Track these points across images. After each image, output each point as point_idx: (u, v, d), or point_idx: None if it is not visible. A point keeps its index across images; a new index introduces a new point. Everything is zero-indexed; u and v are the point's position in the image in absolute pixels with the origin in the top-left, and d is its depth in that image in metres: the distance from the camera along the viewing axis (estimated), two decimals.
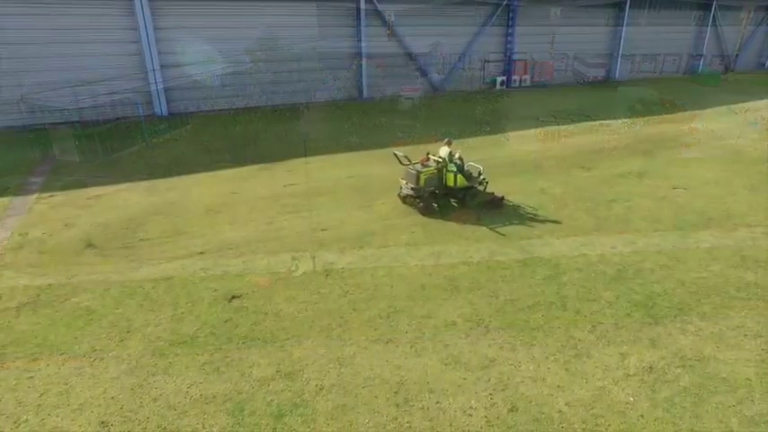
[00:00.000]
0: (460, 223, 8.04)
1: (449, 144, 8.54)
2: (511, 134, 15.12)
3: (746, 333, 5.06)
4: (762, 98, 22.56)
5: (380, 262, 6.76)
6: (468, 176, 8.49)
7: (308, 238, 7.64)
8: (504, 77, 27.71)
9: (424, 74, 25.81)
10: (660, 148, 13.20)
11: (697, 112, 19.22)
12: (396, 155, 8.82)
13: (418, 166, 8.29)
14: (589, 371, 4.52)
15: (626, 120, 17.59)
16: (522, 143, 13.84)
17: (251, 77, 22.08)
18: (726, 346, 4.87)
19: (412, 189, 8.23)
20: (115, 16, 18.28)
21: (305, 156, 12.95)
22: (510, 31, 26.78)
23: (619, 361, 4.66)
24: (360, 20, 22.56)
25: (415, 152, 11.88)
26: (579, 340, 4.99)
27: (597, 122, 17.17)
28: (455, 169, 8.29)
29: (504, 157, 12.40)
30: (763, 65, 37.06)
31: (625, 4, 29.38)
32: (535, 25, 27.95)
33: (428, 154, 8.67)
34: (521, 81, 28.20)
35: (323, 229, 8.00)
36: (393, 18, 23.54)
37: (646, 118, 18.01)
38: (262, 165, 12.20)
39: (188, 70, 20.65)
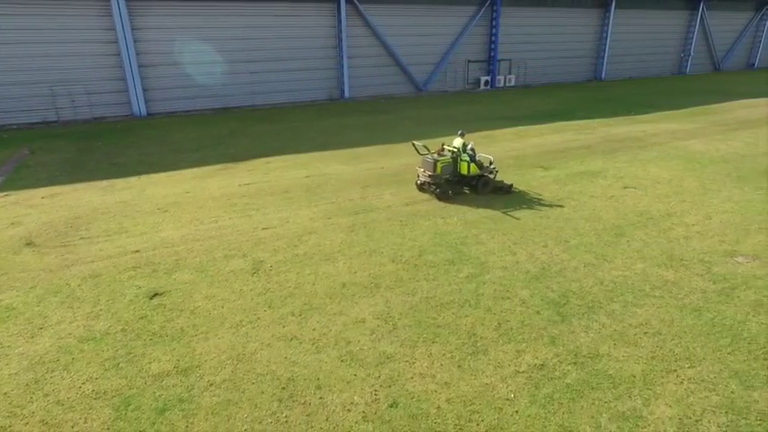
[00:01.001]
0: (400, 225, 8.10)
1: (462, 136, 9.28)
2: (480, 134, 15.16)
3: (647, 331, 5.12)
4: (736, 99, 22.55)
5: (310, 261, 6.82)
6: (479, 165, 9.26)
7: (248, 237, 7.71)
8: (489, 78, 27.71)
9: (406, 74, 25.86)
10: (624, 148, 13.25)
11: (671, 112, 19.26)
12: (414, 145, 9.61)
13: (435, 156, 9.00)
14: (481, 368, 4.58)
15: (600, 120, 17.64)
16: (490, 144, 13.90)
17: (232, 78, 22.16)
18: (623, 343, 4.92)
19: (429, 176, 9.00)
20: (92, 17, 18.39)
21: (269, 155, 13.02)
22: (494, 31, 26.81)
23: (513, 358, 4.72)
24: (341, 20, 22.59)
25: (378, 152, 11.95)
26: (481, 338, 5.04)
27: (571, 122, 17.22)
28: (468, 159, 9.05)
29: None
30: (753, 65, 36.96)
31: (610, 4, 29.36)
32: (519, 26, 27.96)
33: (443, 145, 9.43)
34: (505, 81, 28.23)
35: (264, 228, 8.07)
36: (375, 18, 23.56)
37: (620, 118, 18.04)
38: (225, 164, 12.28)
39: (167, 70, 20.74)
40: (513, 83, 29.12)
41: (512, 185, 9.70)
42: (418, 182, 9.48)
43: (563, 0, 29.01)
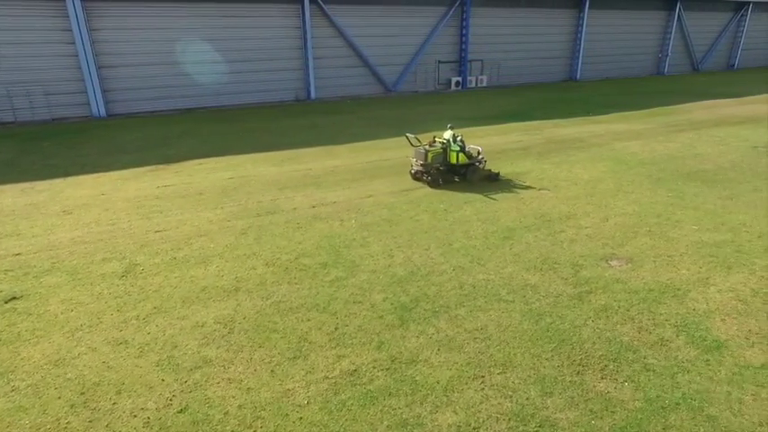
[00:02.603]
0: (295, 227, 8.09)
1: (452, 129, 10.16)
2: (425, 135, 15.11)
3: (478, 336, 5.10)
4: (703, 100, 22.49)
5: (185, 264, 6.82)
6: (468, 155, 10.07)
7: (137, 239, 7.71)
8: (460, 78, 27.67)
9: (375, 75, 25.84)
10: (560, 150, 13.23)
11: (629, 113, 19.21)
12: (407, 137, 10.46)
13: (426, 147, 9.90)
14: (292, 373, 4.56)
15: (555, 120, 17.61)
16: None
17: (196, 79, 22.16)
18: (447, 349, 4.90)
19: (421, 165, 9.94)
20: (47, 17, 18.41)
21: (206, 157, 13.02)
22: (464, 32, 26.76)
23: (330, 364, 4.70)
24: (305, 21, 22.58)
25: (317, 153, 11.91)
26: (310, 343, 5.03)
27: (524, 123, 17.20)
28: (458, 149, 9.85)
29: (393, 159, 12.43)
30: (733, 65, 36.85)
31: (584, 4, 29.30)
32: (491, 26, 27.92)
33: (434, 137, 10.28)
34: (477, 82, 28.19)
35: (157, 231, 8.07)
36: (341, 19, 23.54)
37: (575, 118, 18.00)
38: (157, 166, 12.28)
39: (128, 71, 20.76)
40: (485, 83, 29.08)
41: (498, 173, 10.43)
42: (412, 171, 10.41)
43: (535, 0, 28.91)
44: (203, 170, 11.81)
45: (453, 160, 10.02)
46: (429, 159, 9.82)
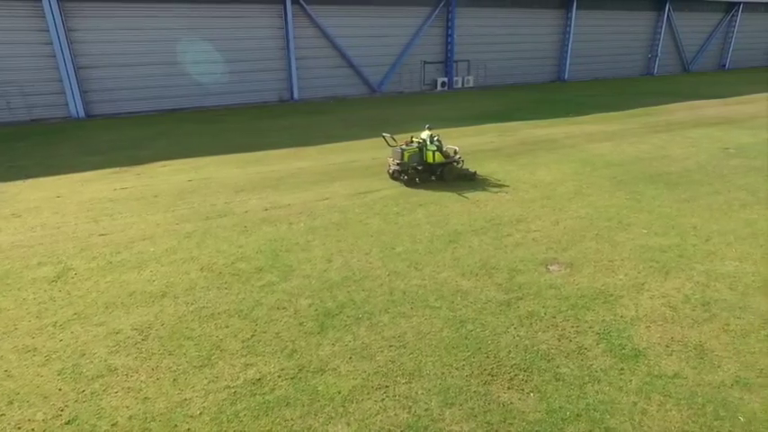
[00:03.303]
0: (241, 231, 8.00)
1: (429, 129, 10.32)
2: (402, 136, 15.01)
3: (394, 344, 5.00)
4: (687, 100, 22.37)
5: (121, 268, 6.73)
6: (445, 155, 10.24)
7: (78, 243, 7.62)
8: (446, 79, 27.58)
9: (360, 75, 25.75)
10: (531, 151, 13.12)
11: (610, 114, 19.10)
12: (384, 137, 10.64)
13: (404, 146, 10.01)
14: (194, 383, 4.47)
15: (535, 121, 17.50)
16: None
17: (179, 79, 22.10)
18: (359, 358, 4.81)
19: (398, 165, 10.08)
20: (23, 18, 18.34)
21: (174, 158, 12.94)
22: (449, 32, 26.65)
23: (236, 372, 4.61)
24: (287, 21, 22.49)
25: (285, 155, 11.81)
26: (222, 350, 4.94)
27: (503, 124, 17.10)
28: (434, 148, 10.00)
29: (361, 160, 12.35)
30: (724, 66, 36.69)
31: (572, 5, 29.18)
32: (477, 27, 27.82)
33: (411, 137, 10.44)
34: (463, 83, 28.09)
35: (101, 234, 7.99)
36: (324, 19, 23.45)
37: (555, 119, 17.90)
38: (121, 167, 12.21)
39: (108, 72, 20.70)
40: (471, 84, 28.97)
41: (475, 173, 10.55)
42: (389, 170, 10.51)
43: (522, 1, 28.79)
44: (166, 172, 11.72)
45: (430, 159, 10.16)
46: (405, 159, 9.99)
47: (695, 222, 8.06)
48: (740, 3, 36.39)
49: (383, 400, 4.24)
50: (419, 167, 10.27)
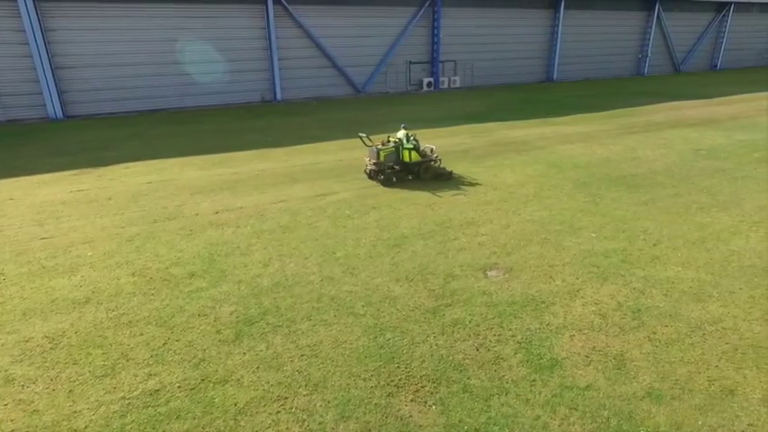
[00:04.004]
0: (185, 234, 7.85)
1: (406, 128, 10.39)
2: (379, 136, 14.89)
3: (306, 353, 4.86)
4: (671, 101, 22.22)
5: (52, 273, 6.61)
6: (422, 154, 10.34)
7: (18, 246, 7.50)
8: (432, 79, 27.43)
9: (344, 75, 25.61)
10: (501, 153, 12.99)
11: (590, 114, 18.95)
12: (360, 137, 10.68)
13: (380, 146, 10.10)
14: (90, 393, 4.34)
15: (513, 122, 17.37)
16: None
17: (159, 80, 21.98)
18: (267, 368, 4.67)
19: (374, 164, 10.16)
20: None
21: (139, 160, 12.81)
22: (435, 32, 26.50)
23: (137, 383, 4.47)
24: (269, 21, 22.36)
25: (251, 156, 11.65)
26: (129, 359, 4.81)
27: (480, 125, 16.96)
28: (411, 147, 10.09)
29: (327, 162, 12.22)
30: (715, 66, 36.51)
31: (559, 5, 29.02)
32: (463, 27, 27.67)
33: (389, 136, 10.49)
34: (450, 83, 27.95)
35: (43, 238, 7.86)
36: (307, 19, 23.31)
37: (533, 120, 17.75)
38: (84, 169, 12.10)
39: (87, 72, 20.58)
40: (458, 84, 28.82)
41: (451, 172, 10.61)
42: (366, 170, 10.61)
43: (510, 1, 28.64)
44: (127, 174, 11.59)
45: (406, 159, 10.21)
46: (382, 158, 10.04)
47: (647, 226, 7.91)
48: (731, 3, 36.22)
49: (278, 412, 4.09)
50: (396, 167, 10.31)
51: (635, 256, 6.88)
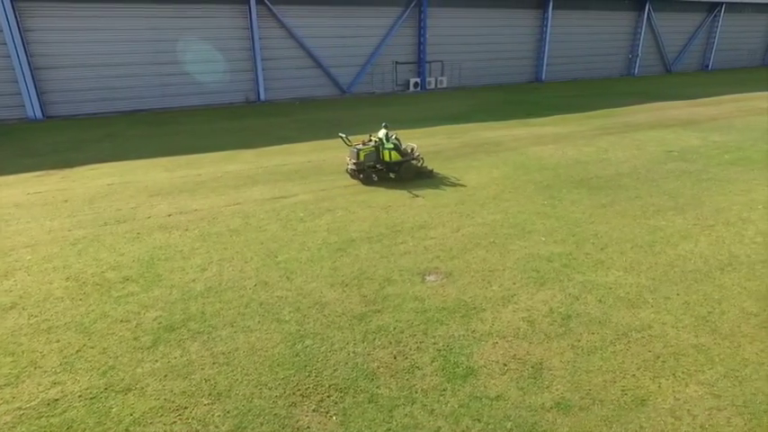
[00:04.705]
0: (131, 237, 7.74)
1: (386, 128, 10.45)
2: (357, 137, 14.79)
3: (218, 361, 4.75)
4: (656, 101, 22.09)
5: None
6: (403, 153, 10.41)
7: None
8: (419, 79, 27.32)
9: (329, 76, 25.52)
10: (470, 154, 12.88)
11: (571, 115, 18.83)
12: (341, 137, 10.71)
13: (360, 146, 10.22)
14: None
15: (491, 123, 17.27)
16: (341, 149, 13.56)
17: (141, 80, 21.90)
18: (175, 376, 4.56)
19: (354, 164, 10.22)
20: None
21: (106, 161, 12.73)
22: (422, 32, 26.39)
23: (37, 392, 4.37)
24: (252, 21, 22.26)
25: (218, 158, 11.53)
26: (37, 367, 4.72)
27: (458, 125, 16.87)
28: (391, 146, 10.17)
29: (294, 164, 12.12)
30: (707, 66, 36.36)
31: (548, 5, 28.89)
32: (450, 27, 27.56)
33: (370, 136, 10.62)
34: (437, 83, 27.84)
35: None
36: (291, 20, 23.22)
37: (512, 121, 17.64)
38: (50, 171, 12.02)
39: (67, 73, 20.50)
40: (445, 85, 28.72)
41: (432, 170, 10.77)
42: (347, 170, 10.67)
43: (497, 1, 28.52)
44: (91, 176, 11.50)
45: (387, 158, 10.28)
46: (361, 158, 10.12)
47: (600, 229, 7.80)
48: (722, 3, 36.05)
49: (174, 423, 3.99)
50: (377, 166, 10.42)
51: (579, 260, 6.76)
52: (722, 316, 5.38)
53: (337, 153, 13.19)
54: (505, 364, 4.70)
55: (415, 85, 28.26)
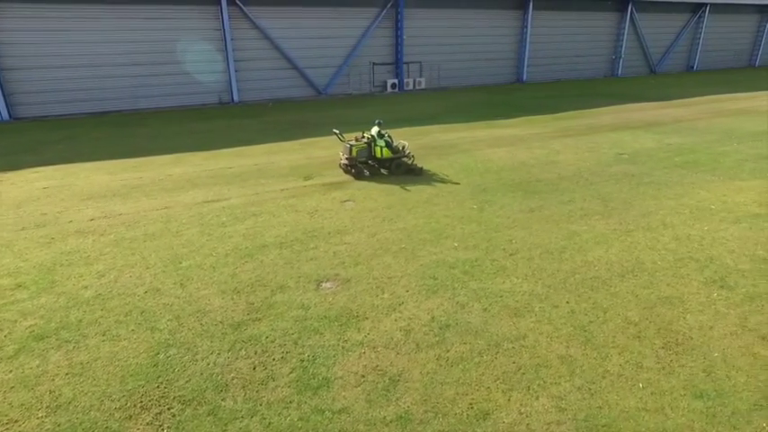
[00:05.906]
0: (55, 239, 7.65)
1: (379, 125, 10.88)
2: (318, 139, 14.75)
3: (70, 372, 4.65)
4: (631, 102, 21.97)
5: None
6: (395, 150, 10.77)
7: None
8: (396, 80, 27.23)
9: (304, 77, 25.43)
10: (424, 156, 12.65)
11: (538, 116, 18.71)
12: (335, 132, 11.12)
13: (353, 142, 10.56)
14: None
15: (457, 124, 17.18)
16: (303, 149, 13.46)
17: (111, 81, 21.84)
18: (22, 387, 4.46)
19: (347, 159, 10.53)
20: None
21: (55, 164, 12.65)
22: (399, 33, 26.29)
23: None
24: (223, 23, 22.20)
25: (168, 161, 11.39)
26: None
27: (422, 127, 16.77)
28: (383, 144, 10.54)
29: (240, 167, 12.04)
30: (692, 67, 36.21)
31: (528, 5, 28.78)
32: (428, 28, 27.45)
33: (363, 132, 10.91)
34: (415, 84, 27.74)
35: None
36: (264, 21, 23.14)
37: (477, 122, 17.53)
38: None
39: (35, 74, 20.44)
40: (423, 86, 28.62)
41: (422, 168, 11.08)
42: (340, 165, 10.99)
43: (476, 2, 28.41)
44: (32, 179, 11.43)
45: (378, 155, 10.66)
46: (353, 154, 10.47)
47: (517, 235, 7.69)
48: (707, 4, 35.89)
49: None
50: (369, 162, 10.81)
51: (482, 267, 6.66)
52: (602, 326, 5.27)
53: (289, 156, 13.12)
54: (363, 376, 4.60)
55: (393, 86, 28.18)
